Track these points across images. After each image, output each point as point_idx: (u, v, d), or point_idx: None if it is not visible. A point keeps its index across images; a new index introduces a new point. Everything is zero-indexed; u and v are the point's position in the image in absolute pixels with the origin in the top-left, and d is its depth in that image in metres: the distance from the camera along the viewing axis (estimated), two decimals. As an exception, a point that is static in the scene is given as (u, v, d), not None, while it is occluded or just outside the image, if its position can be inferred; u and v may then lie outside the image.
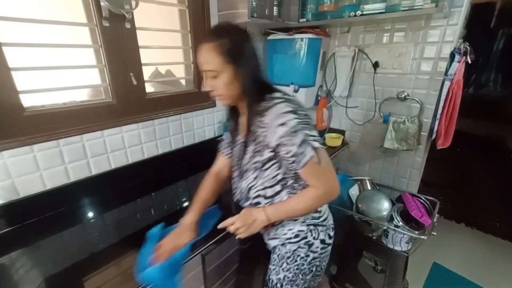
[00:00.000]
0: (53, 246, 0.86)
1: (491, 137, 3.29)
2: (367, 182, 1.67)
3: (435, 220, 1.30)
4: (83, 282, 0.71)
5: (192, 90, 1.44)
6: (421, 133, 1.50)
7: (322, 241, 0.85)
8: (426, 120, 1.48)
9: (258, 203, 0.83)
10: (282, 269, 0.87)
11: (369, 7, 1.32)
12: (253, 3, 1.29)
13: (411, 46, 1.43)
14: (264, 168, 0.77)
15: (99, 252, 0.82)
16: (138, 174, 1.25)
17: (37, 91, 0.94)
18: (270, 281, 0.91)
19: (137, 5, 1.05)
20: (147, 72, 1.23)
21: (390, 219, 1.34)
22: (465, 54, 1.33)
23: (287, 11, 1.55)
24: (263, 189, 0.80)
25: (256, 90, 0.73)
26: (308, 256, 0.84)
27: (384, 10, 1.28)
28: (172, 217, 1.00)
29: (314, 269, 0.87)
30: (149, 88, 1.26)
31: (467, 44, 1.32)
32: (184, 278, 0.84)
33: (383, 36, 1.52)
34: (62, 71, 1.00)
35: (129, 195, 1.14)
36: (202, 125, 1.51)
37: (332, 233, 0.89)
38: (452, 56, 1.31)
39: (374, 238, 1.41)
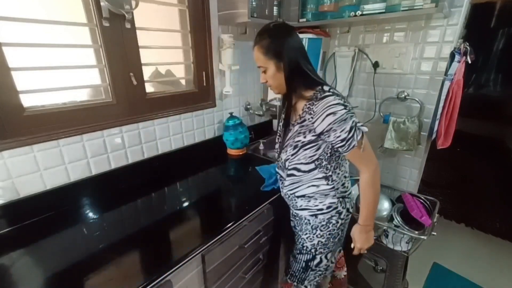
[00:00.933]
0: (53, 246, 0.86)
1: (491, 137, 3.29)
2: (367, 182, 1.67)
3: (435, 220, 1.30)
4: (83, 282, 0.71)
5: (192, 90, 1.44)
6: (421, 133, 1.50)
7: (347, 210, 1.01)
8: (426, 120, 1.48)
9: (292, 174, 0.98)
10: (316, 236, 1.01)
11: (369, 7, 1.32)
12: (253, 3, 1.29)
13: (411, 46, 1.43)
14: (304, 147, 0.90)
15: (99, 252, 0.81)
16: (138, 174, 1.25)
17: (37, 91, 0.94)
18: (304, 248, 1.06)
19: (137, 5, 1.05)
20: (147, 72, 1.23)
21: (390, 219, 1.34)
22: (465, 54, 1.33)
23: (287, 11, 1.56)
24: (299, 164, 0.94)
25: (298, 80, 0.87)
26: (338, 222, 1.00)
27: (384, 10, 1.28)
28: (172, 217, 1.00)
29: (340, 232, 1.03)
30: (149, 88, 1.26)
31: (467, 44, 1.32)
32: (184, 278, 0.84)
33: (383, 36, 1.52)
34: (62, 71, 1.00)
35: (129, 195, 1.14)
36: (202, 125, 1.51)
37: (353, 203, 1.06)
38: (452, 56, 1.31)
39: (374, 238, 1.41)
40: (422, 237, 1.22)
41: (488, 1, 2.90)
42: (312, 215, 0.99)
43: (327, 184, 0.94)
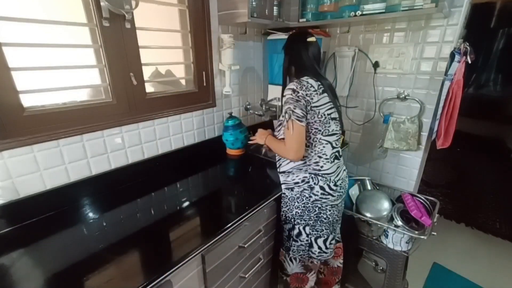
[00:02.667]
0: (53, 246, 0.85)
1: (491, 137, 3.29)
2: (367, 182, 1.67)
3: (435, 220, 1.30)
4: (83, 282, 0.71)
5: (192, 90, 1.44)
6: (421, 133, 1.50)
7: (322, 188, 1.10)
8: (426, 120, 1.48)
9: None
10: (294, 207, 1.15)
11: (369, 7, 1.32)
12: (253, 3, 1.29)
13: (411, 46, 1.43)
14: (282, 125, 1.10)
15: (99, 252, 0.81)
16: (138, 174, 1.25)
17: (37, 91, 0.94)
18: (286, 218, 1.20)
19: (137, 5, 1.05)
20: (147, 72, 1.23)
21: (390, 219, 1.34)
22: (465, 54, 1.33)
23: (287, 11, 1.56)
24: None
25: (292, 73, 1.15)
26: (311, 197, 1.11)
27: (384, 10, 1.28)
28: (172, 217, 1.00)
29: (317, 209, 1.13)
30: (149, 88, 1.26)
31: (467, 44, 1.32)
32: (184, 278, 0.84)
33: (383, 36, 1.52)
34: (62, 71, 1.00)
35: (129, 195, 1.14)
36: (202, 125, 1.51)
37: (333, 187, 1.12)
38: (452, 56, 1.31)
39: (374, 238, 1.41)
40: (422, 237, 1.22)
41: (488, 1, 2.91)
42: (288, 189, 1.15)
43: (301, 160, 1.08)
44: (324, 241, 1.19)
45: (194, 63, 1.40)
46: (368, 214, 1.36)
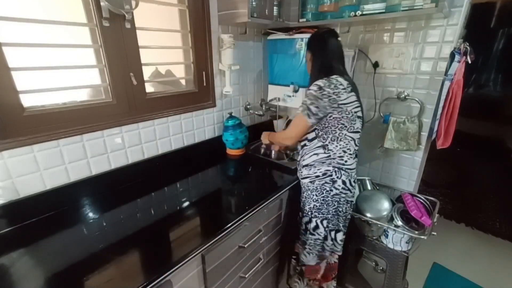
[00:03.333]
0: (53, 246, 0.86)
1: (491, 137, 3.29)
2: (367, 182, 1.67)
3: (435, 220, 1.30)
4: (83, 282, 0.71)
5: (192, 90, 1.44)
6: (421, 133, 1.50)
7: (343, 182, 1.13)
8: (426, 120, 1.48)
9: (304, 145, 1.19)
10: (312, 200, 1.17)
11: (369, 7, 1.32)
12: (253, 3, 1.29)
13: (411, 46, 1.43)
14: (297, 112, 1.13)
15: (99, 252, 0.81)
16: (138, 174, 1.25)
17: (37, 91, 0.94)
18: (304, 211, 1.23)
19: (137, 5, 1.05)
20: (147, 72, 1.23)
21: (390, 219, 1.34)
22: (465, 54, 1.33)
23: (287, 11, 1.56)
24: (308, 132, 1.15)
25: (320, 70, 1.13)
26: (331, 190, 1.13)
27: (384, 10, 1.28)
28: (172, 217, 1.00)
29: (336, 204, 1.15)
30: (149, 88, 1.26)
31: (467, 44, 1.32)
32: (184, 278, 0.84)
33: (383, 36, 1.52)
34: (62, 71, 1.00)
35: (129, 195, 1.14)
36: (202, 125, 1.51)
37: (353, 183, 1.16)
38: (452, 56, 1.31)
39: (374, 238, 1.41)
40: (422, 237, 1.22)
41: (488, 1, 2.90)
42: (311, 182, 1.17)
43: (324, 153, 1.11)
44: (338, 235, 1.22)
45: (194, 63, 1.40)
46: (368, 214, 1.36)
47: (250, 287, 1.20)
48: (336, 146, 1.10)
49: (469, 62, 1.34)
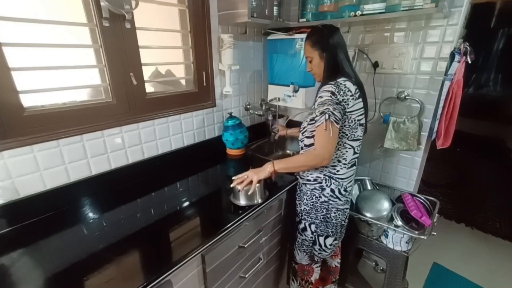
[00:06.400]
0: (53, 246, 0.86)
1: (491, 137, 3.29)
2: (367, 182, 1.67)
3: (435, 220, 1.30)
4: (83, 282, 0.71)
5: (192, 90, 1.44)
6: (421, 133, 1.50)
7: (332, 190, 1.11)
8: (426, 120, 1.48)
9: (302, 148, 1.15)
10: (303, 203, 1.19)
11: (369, 7, 1.31)
12: (253, 3, 1.29)
13: (411, 46, 1.43)
14: (309, 123, 1.06)
15: (99, 252, 0.81)
16: (138, 174, 1.25)
17: (37, 91, 0.94)
18: (296, 212, 1.25)
19: (137, 5, 1.05)
20: (147, 72, 1.23)
21: (390, 219, 1.34)
22: (465, 54, 1.33)
23: (287, 11, 1.55)
24: (306, 137, 1.10)
25: (331, 71, 1.06)
26: (320, 197, 1.13)
27: (384, 10, 1.28)
28: (172, 217, 1.00)
29: (324, 211, 1.14)
30: (149, 88, 1.26)
31: (467, 44, 1.32)
32: (184, 278, 0.84)
33: (383, 36, 1.52)
34: (62, 71, 1.00)
35: (129, 195, 1.14)
36: (202, 125, 1.51)
37: (344, 193, 1.12)
38: (452, 56, 1.31)
39: (374, 238, 1.41)
40: (422, 237, 1.22)
41: (488, 1, 2.91)
42: (303, 184, 1.18)
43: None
44: (327, 241, 1.20)
45: (194, 63, 1.40)
46: (368, 214, 1.36)
47: (250, 287, 1.20)
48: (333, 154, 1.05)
49: (469, 62, 1.34)
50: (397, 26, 1.46)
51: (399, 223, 1.28)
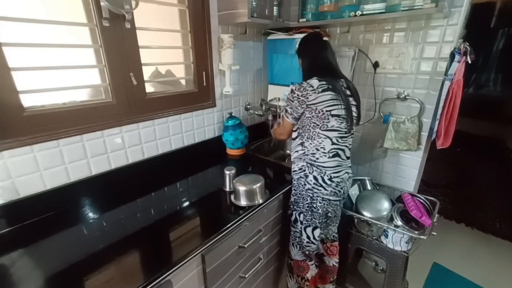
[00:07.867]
0: (53, 246, 0.86)
1: (491, 137, 3.29)
2: (367, 182, 1.67)
3: (435, 220, 1.30)
4: (83, 282, 0.71)
5: (192, 90, 1.44)
6: (421, 133, 1.50)
7: (315, 178, 1.16)
8: (426, 120, 1.48)
9: (293, 139, 1.26)
10: (292, 194, 1.26)
11: (369, 7, 1.32)
12: (253, 3, 1.29)
13: (411, 46, 1.43)
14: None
15: (99, 252, 0.81)
16: (138, 174, 1.25)
17: (37, 91, 0.94)
18: (289, 204, 1.29)
19: (137, 5, 1.05)
20: (147, 72, 1.23)
21: (390, 219, 1.34)
22: (465, 54, 1.33)
23: (287, 11, 1.55)
24: (294, 131, 1.24)
25: (306, 74, 1.21)
26: (305, 185, 1.19)
27: (384, 10, 1.28)
28: (172, 217, 1.00)
29: (309, 199, 1.19)
30: (149, 88, 1.26)
31: (467, 44, 1.32)
32: (184, 278, 0.84)
33: (383, 36, 1.52)
34: (62, 71, 1.00)
35: (129, 195, 1.14)
36: (202, 125, 1.51)
37: (327, 180, 1.16)
38: (452, 56, 1.31)
39: (374, 238, 1.41)
40: (422, 237, 1.22)
41: (488, 1, 2.91)
42: (293, 175, 1.24)
43: (302, 150, 1.19)
44: (315, 232, 1.23)
45: (194, 63, 1.40)
46: (368, 214, 1.36)
47: (250, 287, 1.20)
48: (310, 143, 1.15)
49: (469, 62, 1.34)
50: (397, 26, 1.46)
51: (399, 223, 1.28)
